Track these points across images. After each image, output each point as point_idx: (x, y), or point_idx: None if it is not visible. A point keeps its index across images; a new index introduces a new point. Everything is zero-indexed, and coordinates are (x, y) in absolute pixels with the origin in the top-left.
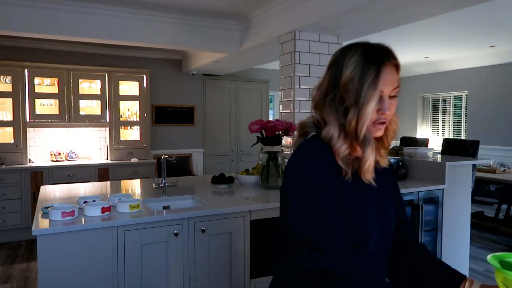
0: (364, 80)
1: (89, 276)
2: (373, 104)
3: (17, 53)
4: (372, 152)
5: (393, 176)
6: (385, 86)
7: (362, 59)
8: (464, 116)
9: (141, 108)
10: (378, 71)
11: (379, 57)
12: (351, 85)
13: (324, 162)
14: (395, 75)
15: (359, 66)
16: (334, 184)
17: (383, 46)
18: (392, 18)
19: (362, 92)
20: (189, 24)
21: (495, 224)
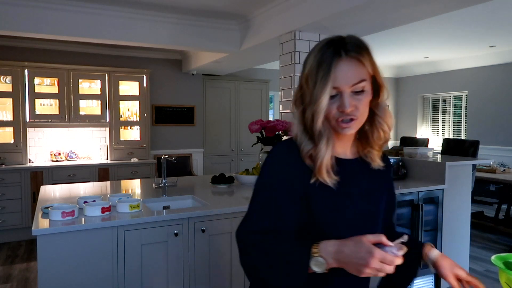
0: (317, 77)
1: (89, 276)
2: (324, 100)
3: (17, 53)
4: (326, 148)
5: (389, 182)
6: (340, 81)
7: (319, 55)
8: (464, 116)
9: (141, 108)
10: (329, 66)
11: (335, 51)
12: (308, 83)
13: (285, 162)
14: (356, 69)
15: (315, 62)
16: (293, 185)
17: (349, 39)
18: (392, 18)
19: (315, 89)
20: (189, 24)
21: (495, 224)
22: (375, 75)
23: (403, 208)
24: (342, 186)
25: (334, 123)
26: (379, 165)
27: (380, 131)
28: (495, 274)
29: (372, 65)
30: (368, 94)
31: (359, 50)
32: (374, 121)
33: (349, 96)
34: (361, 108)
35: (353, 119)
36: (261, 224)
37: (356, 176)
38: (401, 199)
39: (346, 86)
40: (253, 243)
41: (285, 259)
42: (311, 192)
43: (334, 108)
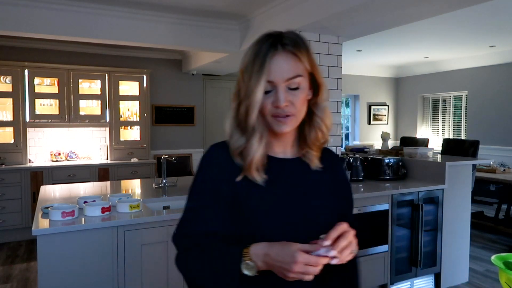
0: (253, 69)
1: (89, 276)
2: (259, 93)
3: (17, 53)
4: (257, 145)
5: (336, 182)
6: (275, 75)
7: (256, 48)
8: (464, 116)
9: (141, 108)
10: (264, 58)
11: (271, 44)
12: (244, 76)
13: (214, 163)
14: (292, 63)
15: (252, 56)
16: (221, 186)
17: (287, 34)
18: (392, 18)
19: (250, 82)
20: (189, 24)
21: (495, 224)
22: (313, 72)
23: (403, 208)
24: (275, 185)
25: (269, 119)
26: (317, 166)
27: (318, 132)
28: (495, 274)
29: (310, 62)
30: (305, 91)
31: (296, 45)
32: (313, 121)
33: (284, 91)
34: (297, 105)
35: (288, 115)
36: (193, 228)
37: (292, 176)
38: (401, 199)
39: (281, 80)
40: (186, 248)
41: (216, 263)
42: (240, 192)
43: (269, 103)
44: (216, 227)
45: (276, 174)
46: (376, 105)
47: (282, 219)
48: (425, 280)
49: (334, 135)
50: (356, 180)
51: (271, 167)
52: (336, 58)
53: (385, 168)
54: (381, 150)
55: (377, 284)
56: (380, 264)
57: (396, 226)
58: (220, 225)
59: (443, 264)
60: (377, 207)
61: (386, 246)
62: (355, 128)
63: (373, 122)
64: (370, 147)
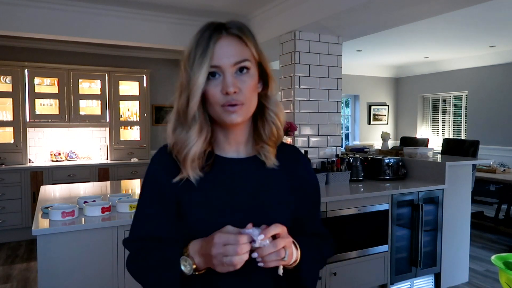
0: (195, 56)
1: (89, 276)
2: (201, 78)
3: (17, 53)
4: (195, 138)
5: (295, 181)
6: (220, 58)
7: (197, 37)
8: (464, 116)
9: (141, 108)
10: (209, 42)
11: (216, 29)
12: (186, 66)
13: (156, 167)
14: (238, 47)
15: (194, 43)
16: (162, 188)
17: (231, 22)
18: (392, 18)
19: (192, 69)
20: (189, 24)
21: (495, 224)
22: (262, 62)
23: (403, 208)
24: (219, 185)
25: (218, 110)
26: (274, 163)
27: (272, 126)
28: (495, 274)
29: (257, 50)
30: (254, 78)
31: (241, 30)
32: (265, 114)
33: (232, 76)
34: (246, 92)
35: (237, 103)
36: (139, 232)
37: (240, 175)
38: (401, 199)
39: (228, 65)
40: (134, 251)
41: (158, 264)
42: (180, 193)
43: (218, 91)
44: (162, 231)
45: (223, 174)
46: (376, 105)
47: (223, 220)
48: (425, 280)
49: (334, 135)
50: (356, 180)
51: (217, 167)
52: (336, 58)
53: (385, 168)
54: (381, 150)
55: (377, 284)
56: (380, 264)
57: (396, 226)
58: (165, 229)
59: (443, 264)
60: (377, 207)
61: (386, 246)
62: (355, 128)
63: (373, 122)
64: (370, 147)
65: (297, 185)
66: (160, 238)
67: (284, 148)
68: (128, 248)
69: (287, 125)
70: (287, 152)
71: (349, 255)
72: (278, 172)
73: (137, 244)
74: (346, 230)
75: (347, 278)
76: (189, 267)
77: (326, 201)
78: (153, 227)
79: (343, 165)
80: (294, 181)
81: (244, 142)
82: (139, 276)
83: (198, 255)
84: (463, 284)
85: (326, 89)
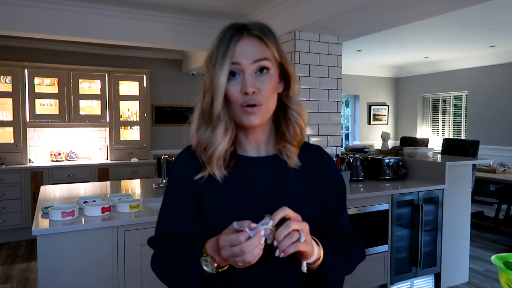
0: (217, 56)
1: (89, 276)
2: (223, 77)
3: (17, 53)
4: (222, 135)
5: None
6: (241, 57)
7: (219, 37)
8: (464, 116)
9: (141, 108)
10: (229, 42)
11: (237, 29)
12: (209, 66)
13: (181, 166)
14: (258, 46)
15: (216, 44)
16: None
17: (253, 23)
18: (392, 18)
19: (215, 68)
20: (189, 24)
21: (495, 224)
22: (283, 63)
23: (403, 208)
24: (240, 184)
25: (238, 110)
26: (296, 163)
27: (296, 126)
28: (495, 274)
29: (278, 50)
30: (274, 79)
31: (262, 31)
32: (288, 114)
33: (251, 75)
34: (264, 93)
35: (255, 104)
36: (164, 231)
37: (262, 175)
38: (401, 199)
39: (248, 63)
40: (159, 250)
41: (179, 263)
42: (202, 192)
43: (237, 91)
44: (185, 230)
45: (244, 173)
46: (376, 105)
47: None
48: (425, 280)
49: (334, 135)
50: (356, 180)
51: (239, 166)
52: (336, 58)
53: (385, 168)
54: (381, 150)
55: (377, 284)
56: (380, 264)
57: (396, 226)
58: (188, 227)
59: (443, 264)
60: (377, 207)
61: (386, 246)
62: (355, 128)
63: (373, 122)
64: (370, 147)
65: (320, 185)
66: (183, 237)
67: (308, 147)
68: (153, 247)
69: None
70: (311, 151)
71: None
72: (300, 171)
73: (161, 244)
74: None
75: (347, 278)
76: (211, 266)
77: None
78: (176, 226)
79: (343, 165)
80: (317, 181)
81: (265, 142)
82: (162, 275)
83: (216, 253)
84: (463, 284)
85: (326, 89)
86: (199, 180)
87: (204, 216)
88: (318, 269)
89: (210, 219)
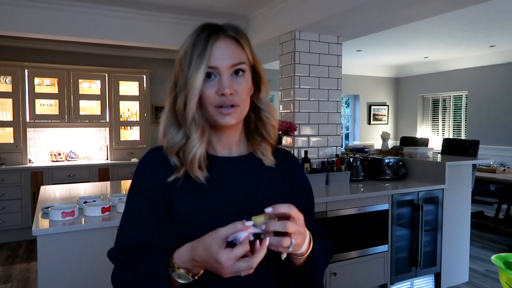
0: (192, 57)
1: (89, 276)
2: (198, 79)
3: (17, 53)
4: (199, 140)
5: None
6: (218, 60)
7: (195, 35)
8: (464, 116)
9: (141, 108)
10: (207, 43)
11: (213, 31)
12: (182, 65)
13: (148, 163)
14: (235, 49)
15: (190, 44)
16: (154, 190)
17: (226, 24)
18: (392, 18)
19: (189, 70)
20: (189, 24)
21: (495, 224)
22: (255, 65)
23: (403, 208)
24: (214, 185)
25: (212, 111)
26: (271, 161)
27: (269, 126)
28: (495, 274)
29: (252, 53)
30: (249, 80)
31: (238, 32)
32: (261, 115)
33: (228, 78)
34: (241, 94)
35: (233, 105)
36: (128, 238)
37: (236, 175)
38: (401, 199)
39: (225, 66)
40: (122, 261)
41: (144, 276)
42: (174, 194)
43: (213, 92)
44: (153, 236)
45: (219, 173)
46: (376, 105)
47: (220, 220)
48: (425, 280)
49: (334, 135)
50: (356, 180)
51: (212, 167)
52: (336, 58)
53: (385, 168)
54: (381, 150)
55: (377, 284)
56: (380, 264)
57: (396, 226)
58: (156, 233)
59: (443, 264)
60: (377, 207)
61: (386, 246)
62: (355, 128)
63: (373, 122)
64: (370, 147)
65: (291, 185)
66: (149, 244)
67: (279, 150)
68: (113, 260)
69: (287, 125)
70: (282, 154)
71: (349, 255)
72: (275, 170)
73: (125, 254)
74: (346, 230)
75: (347, 278)
76: (187, 277)
77: (326, 201)
78: (143, 231)
79: (343, 165)
80: (288, 181)
81: (237, 142)
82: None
83: (192, 266)
84: (463, 284)
85: (326, 89)
86: (170, 182)
87: (176, 220)
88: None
89: (184, 223)
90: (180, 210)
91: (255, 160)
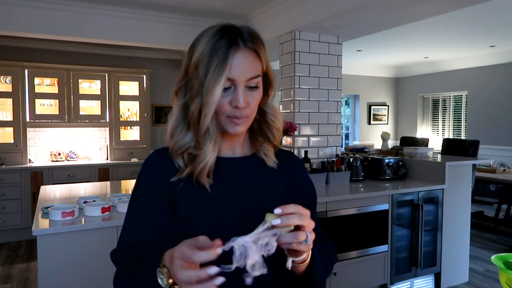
0: (210, 65)
1: (89, 276)
2: (218, 92)
3: (17, 53)
4: (212, 150)
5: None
6: (237, 73)
7: (214, 40)
8: (464, 116)
9: (141, 108)
10: (227, 54)
11: (232, 38)
12: (198, 70)
13: (152, 163)
14: (253, 62)
15: (208, 48)
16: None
17: (244, 28)
18: (392, 18)
19: (207, 78)
20: (189, 24)
21: (495, 224)
22: (267, 72)
23: (403, 208)
24: (219, 186)
25: (223, 119)
26: (274, 162)
27: (274, 129)
28: (495, 274)
29: (266, 61)
30: (261, 91)
31: (256, 41)
32: (266, 118)
33: (243, 91)
34: (253, 106)
35: (243, 117)
36: (131, 237)
37: (239, 175)
38: (401, 199)
39: (242, 80)
40: (122, 264)
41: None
42: (178, 194)
43: (226, 102)
44: (156, 235)
45: (223, 173)
46: (376, 105)
47: (222, 220)
48: (425, 280)
49: (334, 135)
50: (356, 180)
51: (215, 167)
52: (336, 58)
53: (385, 168)
54: (381, 150)
55: (377, 284)
56: (380, 264)
57: (396, 226)
58: (160, 232)
59: (443, 264)
60: (377, 207)
61: (386, 246)
62: (355, 128)
63: (373, 122)
64: (370, 147)
65: (294, 186)
66: (152, 243)
67: (281, 152)
68: (116, 261)
69: (287, 125)
70: (284, 155)
71: (349, 255)
72: (278, 171)
73: (127, 254)
74: (346, 230)
75: (347, 278)
76: (165, 280)
77: (326, 201)
78: (146, 230)
79: (343, 165)
80: (291, 182)
81: (240, 143)
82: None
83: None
84: (463, 284)
85: (326, 89)
86: (174, 183)
87: (179, 220)
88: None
89: (187, 223)
90: (182, 210)
91: (258, 160)
